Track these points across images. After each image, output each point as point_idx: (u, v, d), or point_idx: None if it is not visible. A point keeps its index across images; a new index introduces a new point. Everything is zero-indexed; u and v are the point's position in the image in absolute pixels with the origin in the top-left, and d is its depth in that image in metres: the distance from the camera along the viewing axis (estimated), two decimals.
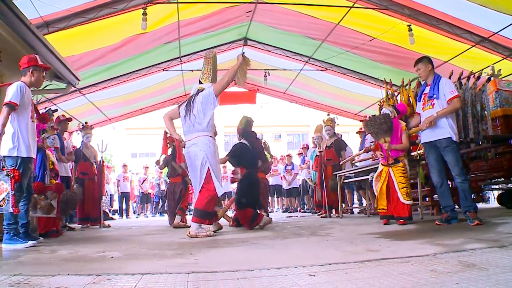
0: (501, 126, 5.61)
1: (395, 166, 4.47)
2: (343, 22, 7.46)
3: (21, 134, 3.55)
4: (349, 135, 20.21)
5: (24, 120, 3.61)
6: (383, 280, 1.66)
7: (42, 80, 3.89)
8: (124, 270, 2.11)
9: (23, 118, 3.60)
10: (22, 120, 3.59)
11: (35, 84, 3.82)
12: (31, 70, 3.74)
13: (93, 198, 6.80)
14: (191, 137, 4.12)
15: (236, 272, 1.97)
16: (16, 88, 3.56)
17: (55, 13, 5.74)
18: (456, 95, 4.02)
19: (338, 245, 2.90)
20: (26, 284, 1.82)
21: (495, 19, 6.10)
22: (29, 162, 3.67)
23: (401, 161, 4.49)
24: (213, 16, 7.75)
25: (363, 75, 9.75)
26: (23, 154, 3.55)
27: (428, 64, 4.21)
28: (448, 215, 4.02)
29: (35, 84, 3.82)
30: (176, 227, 5.86)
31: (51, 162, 4.74)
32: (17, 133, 3.55)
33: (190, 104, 4.19)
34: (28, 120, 3.65)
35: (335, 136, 7.33)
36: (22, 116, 3.60)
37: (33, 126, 3.81)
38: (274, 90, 12.56)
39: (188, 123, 4.16)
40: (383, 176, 4.56)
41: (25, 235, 3.69)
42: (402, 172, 4.43)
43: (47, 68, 4.00)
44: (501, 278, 1.59)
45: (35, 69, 3.76)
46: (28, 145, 3.61)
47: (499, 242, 2.48)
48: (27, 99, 3.64)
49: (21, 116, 3.60)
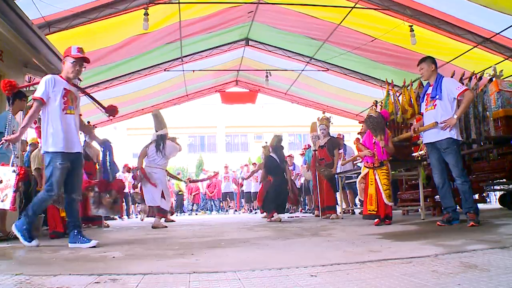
0: (503, 127, 5.59)
1: (380, 169, 4.68)
2: (345, 22, 7.46)
3: (53, 128, 3.33)
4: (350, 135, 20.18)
5: (55, 113, 3.35)
6: (385, 281, 1.66)
7: (74, 71, 3.51)
8: (126, 270, 2.11)
9: (53, 111, 3.36)
10: (52, 114, 3.36)
11: (68, 76, 3.51)
12: (64, 61, 3.53)
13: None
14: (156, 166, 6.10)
15: (238, 272, 1.97)
16: (41, 82, 3.41)
17: (57, 13, 5.76)
18: (466, 88, 4.00)
19: (339, 246, 2.89)
20: (28, 283, 1.83)
21: (497, 20, 6.09)
22: (61, 157, 3.33)
23: (385, 164, 4.72)
24: (214, 16, 7.76)
25: (364, 76, 9.75)
26: (50, 149, 3.33)
27: (432, 64, 4.20)
28: (450, 216, 4.01)
29: (68, 75, 3.50)
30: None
31: None
32: (46, 127, 3.36)
33: (159, 147, 6.08)
34: (59, 113, 3.36)
35: (329, 136, 7.15)
36: (52, 110, 3.36)
37: (69, 119, 3.44)
38: (275, 91, 12.58)
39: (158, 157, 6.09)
40: (372, 179, 4.72)
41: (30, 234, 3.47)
42: (386, 175, 4.66)
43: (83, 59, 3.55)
44: (502, 279, 1.59)
45: (67, 59, 3.51)
46: (59, 140, 3.33)
47: (501, 243, 2.47)
48: (57, 91, 3.37)
49: (50, 109, 3.37)
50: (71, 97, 3.47)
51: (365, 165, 4.89)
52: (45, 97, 3.35)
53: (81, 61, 3.52)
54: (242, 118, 24.92)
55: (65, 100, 3.41)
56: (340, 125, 14.22)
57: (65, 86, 3.44)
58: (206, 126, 26.00)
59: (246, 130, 27.14)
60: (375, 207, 4.66)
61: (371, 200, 4.68)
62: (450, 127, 3.92)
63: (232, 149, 27.10)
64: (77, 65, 3.50)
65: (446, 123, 3.92)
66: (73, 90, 3.53)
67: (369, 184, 4.75)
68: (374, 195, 4.67)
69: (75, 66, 3.49)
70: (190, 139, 26.65)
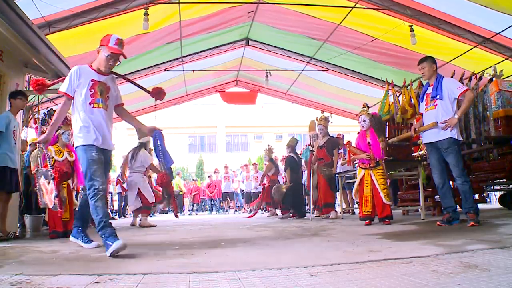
0: (503, 127, 5.59)
1: (376, 169, 4.75)
2: (345, 22, 7.46)
3: (82, 123, 3.05)
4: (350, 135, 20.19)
5: (81, 107, 3.06)
6: (385, 281, 1.66)
7: (106, 65, 3.16)
8: (126, 270, 2.11)
9: (80, 106, 3.07)
10: (79, 108, 3.08)
11: (100, 68, 3.17)
12: (99, 50, 3.18)
13: None
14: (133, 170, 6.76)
15: (238, 272, 1.97)
16: (68, 75, 3.16)
17: (57, 13, 5.75)
18: (467, 88, 4.01)
19: (339, 246, 2.90)
20: (28, 283, 1.83)
21: (497, 20, 6.09)
22: (95, 149, 3.03)
23: (381, 164, 4.79)
24: (214, 16, 7.75)
25: (364, 76, 9.74)
26: (81, 142, 3.05)
27: (433, 64, 4.20)
28: (450, 216, 4.02)
29: (99, 67, 3.17)
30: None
31: (53, 160, 4.63)
32: (75, 122, 3.10)
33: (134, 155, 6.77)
34: (86, 107, 3.05)
35: (328, 135, 7.10)
36: (78, 103, 3.08)
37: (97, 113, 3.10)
38: (275, 91, 12.58)
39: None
40: (367, 180, 4.77)
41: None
42: (382, 174, 4.75)
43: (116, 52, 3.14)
44: (502, 279, 1.59)
45: (102, 49, 3.16)
46: (90, 134, 3.04)
47: (501, 243, 2.47)
48: (82, 83, 3.08)
49: (77, 103, 3.09)
50: (100, 89, 3.12)
51: (361, 166, 4.93)
52: (70, 92, 3.08)
53: (117, 56, 3.15)
54: (242, 118, 24.91)
55: (92, 93, 3.08)
56: (340, 125, 14.23)
57: (93, 77, 3.12)
58: (206, 126, 26.01)
59: (246, 130, 27.15)
60: (370, 208, 4.72)
61: (367, 202, 4.75)
62: (451, 127, 3.92)
63: (232, 149, 27.10)
64: (111, 60, 3.14)
65: (447, 123, 3.92)
66: (104, 80, 3.18)
67: (364, 185, 4.80)
68: (370, 196, 4.74)
69: (109, 60, 3.13)
70: (190, 139, 26.67)
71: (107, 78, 3.23)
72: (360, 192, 4.93)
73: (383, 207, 4.67)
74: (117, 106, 3.39)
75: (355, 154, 5.04)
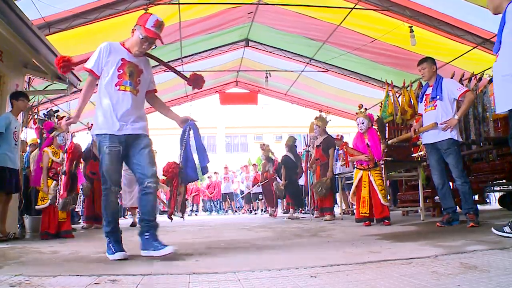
0: (502, 128, 5.59)
1: (374, 170, 4.77)
2: (345, 23, 7.46)
3: (101, 106, 2.72)
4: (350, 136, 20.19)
5: (105, 88, 2.72)
6: (384, 282, 1.66)
7: (139, 48, 2.79)
8: (125, 271, 2.11)
9: (104, 86, 2.73)
10: (102, 88, 2.73)
11: (132, 49, 2.81)
12: (134, 29, 2.83)
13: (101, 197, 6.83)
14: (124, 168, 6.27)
15: (237, 273, 1.97)
16: (96, 50, 2.79)
17: (57, 14, 5.75)
18: (467, 89, 4.02)
19: (339, 247, 2.90)
20: (28, 284, 1.83)
21: (496, 21, 6.02)
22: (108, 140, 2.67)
23: (379, 165, 4.83)
24: (214, 17, 7.76)
25: (364, 76, 9.75)
26: (96, 131, 2.74)
27: (433, 65, 4.21)
28: (450, 217, 4.02)
29: (131, 48, 2.81)
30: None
31: (50, 160, 4.64)
32: (96, 106, 2.77)
33: None
34: (111, 88, 2.70)
35: (325, 135, 6.99)
36: (102, 84, 2.74)
37: (123, 97, 2.71)
38: (275, 91, 12.58)
39: None
40: (365, 181, 4.79)
41: None
42: (380, 175, 4.78)
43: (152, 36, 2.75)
44: (502, 280, 1.59)
45: (137, 29, 2.79)
46: (107, 119, 2.69)
47: (501, 244, 2.47)
48: (111, 61, 2.72)
49: (101, 83, 2.75)
50: (130, 70, 2.76)
51: (359, 167, 4.93)
52: (97, 69, 2.73)
53: (153, 40, 2.79)
54: (242, 119, 24.93)
55: (120, 73, 2.72)
56: (340, 125, 14.22)
57: (123, 56, 2.76)
58: (206, 127, 26.00)
59: (246, 131, 27.17)
60: (367, 209, 4.72)
61: (364, 203, 4.75)
62: (451, 128, 3.92)
63: (232, 150, 27.11)
64: (146, 43, 2.77)
65: (447, 123, 3.93)
66: (136, 62, 2.81)
67: (362, 186, 4.80)
68: (367, 197, 4.73)
69: (143, 43, 2.77)
70: None
71: (140, 60, 2.86)
72: (357, 194, 4.93)
73: (381, 208, 4.67)
74: (148, 92, 3.00)
75: (353, 155, 5.03)
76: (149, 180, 2.71)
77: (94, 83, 2.79)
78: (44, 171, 4.58)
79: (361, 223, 4.80)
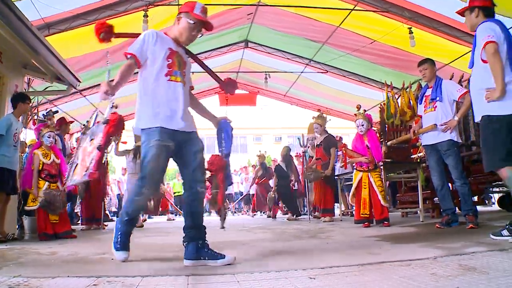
0: None
1: (374, 171, 4.79)
2: (344, 24, 7.48)
3: (150, 97, 2.48)
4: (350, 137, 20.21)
5: (154, 78, 2.48)
6: (384, 284, 1.66)
7: (189, 36, 2.62)
8: (124, 272, 2.10)
9: (152, 77, 2.49)
10: (150, 79, 2.49)
11: (178, 38, 2.63)
12: (180, 17, 2.65)
13: (98, 198, 6.80)
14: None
15: (236, 274, 1.96)
16: (140, 36, 2.58)
17: (56, 14, 5.76)
18: (467, 90, 4.01)
19: (338, 248, 2.89)
20: (26, 285, 1.82)
21: None
22: (159, 133, 2.40)
23: (378, 167, 4.85)
24: (214, 18, 7.75)
25: (363, 78, 9.76)
26: (144, 124, 2.47)
27: (434, 66, 4.22)
28: (449, 218, 4.02)
29: (178, 36, 2.63)
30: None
31: (41, 162, 4.57)
32: (140, 100, 2.54)
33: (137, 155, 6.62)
34: (161, 79, 2.47)
35: (325, 134, 6.88)
36: (150, 74, 2.50)
37: (176, 88, 2.51)
38: (274, 93, 12.59)
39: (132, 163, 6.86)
40: (365, 183, 4.80)
41: None
42: (379, 177, 4.79)
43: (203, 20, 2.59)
44: (501, 282, 1.59)
45: (184, 17, 2.62)
46: (160, 111, 2.44)
47: (500, 246, 2.47)
48: (158, 50, 2.50)
49: (147, 74, 2.52)
50: (178, 60, 2.57)
51: (359, 169, 4.94)
52: (140, 55, 2.48)
53: (203, 25, 2.61)
54: (241, 120, 24.88)
55: (170, 63, 2.50)
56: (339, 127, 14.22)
57: (170, 46, 2.56)
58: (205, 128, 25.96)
59: (245, 132, 27.14)
60: (368, 210, 4.72)
61: (365, 204, 4.75)
62: (451, 129, 3.92)
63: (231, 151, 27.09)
64: (195, 29, 2.59)
65: (447, 125, 3.93)
66: (181, 53, 2.63)
67: (362, 188, 4.81)
68: (368, 198, 4.74)
69: (193, 29, 2.58)
70: None
71: (183, 52, 2.68)
72: (357, 195, 4.93)
73: (381, 210, 4.69)
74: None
75: (352, 157, 5.03)
76: (201, 185, 2.62)
77: (134, 68, 2.53)
78: (35, 174, 4.52)
79: (360, 224, 4.81)
